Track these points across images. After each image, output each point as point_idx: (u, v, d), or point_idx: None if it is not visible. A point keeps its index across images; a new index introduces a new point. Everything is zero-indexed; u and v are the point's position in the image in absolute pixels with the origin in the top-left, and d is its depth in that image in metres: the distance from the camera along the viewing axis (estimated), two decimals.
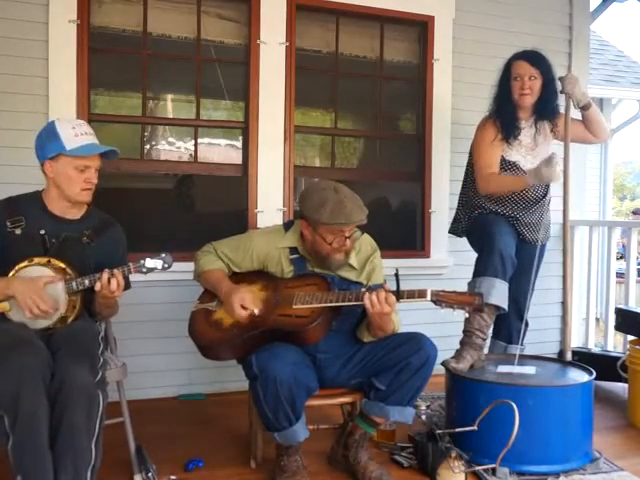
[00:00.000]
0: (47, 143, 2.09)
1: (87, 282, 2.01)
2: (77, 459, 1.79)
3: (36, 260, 2.05)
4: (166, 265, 2.05)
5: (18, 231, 2.09)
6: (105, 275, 1.98)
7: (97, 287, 1.99)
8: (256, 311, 2.16)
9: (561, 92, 2.81)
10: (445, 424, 2.68)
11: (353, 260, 2.31)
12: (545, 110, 2.83)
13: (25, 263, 2.04)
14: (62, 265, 2.05)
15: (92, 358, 1.95)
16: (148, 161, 3.36)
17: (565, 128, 2.82)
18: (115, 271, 1.99)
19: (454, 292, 2.05)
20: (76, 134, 2.07)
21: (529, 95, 2.77)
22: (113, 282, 1.98)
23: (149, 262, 2.02)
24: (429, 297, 2.04)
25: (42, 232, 2.10)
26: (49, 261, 2.06)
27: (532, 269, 2.78)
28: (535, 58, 2.78)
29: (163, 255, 2.04)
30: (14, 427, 1.73)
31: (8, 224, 2.09)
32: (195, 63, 3.35)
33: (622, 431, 2.86)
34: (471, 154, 2.97)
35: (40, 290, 1.97)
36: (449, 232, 3.19)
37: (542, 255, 2.93)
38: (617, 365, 3.23)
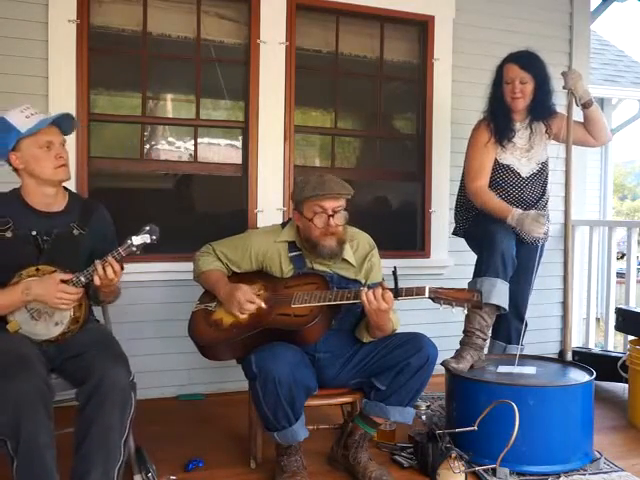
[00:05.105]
0: (4, 137, 2.03)
1: (83, 279, 1.95)
2: (108, 458, 1.82)
3: (24, 273, 1.99)
4: (154, 237, 1.95)
5: (9, 234, 2.02)
6: (99, 267, 1.91)
7: (97, 281, 1.93)
8: (263, 305, 2.16)
9: (563, 88, 2.80)
10: (445, 424, 2.68)
11: (351, 257, 2.31)
12: (539, 111, 2.81)
13: (15, 279, 1.98)
14: (52, 269, 2.00)
15: (126, 360, 1.99)
16: (148, 161, 3.35)
17: (567, 125, 2.80)
18: (108, 258, 1.93)
19: (452, 289, 2.06)
20: (26, 116, 2.04)
21: (521, 99, 2.75)
22: (109, 270, 1.91)
23: (136, 239, 1.93)
24: (427, 294, 2.03)
25: (33, 233, 2.05)
26: (37, 269, 2.00)
27: (531, 269, 2.77)
28: (526, 61, 2.74)
29: (147, 228, 1.95)
30: (17, 450, 1.73)
31: None
32: (195, 63, 3.35)
33: (622, 431, 2.86)
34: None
35: (60, 284, 1.93)
36: (452, 234, 3.18)
37: (541, 255, 2.92)
38: (617, 365, 3.23)
